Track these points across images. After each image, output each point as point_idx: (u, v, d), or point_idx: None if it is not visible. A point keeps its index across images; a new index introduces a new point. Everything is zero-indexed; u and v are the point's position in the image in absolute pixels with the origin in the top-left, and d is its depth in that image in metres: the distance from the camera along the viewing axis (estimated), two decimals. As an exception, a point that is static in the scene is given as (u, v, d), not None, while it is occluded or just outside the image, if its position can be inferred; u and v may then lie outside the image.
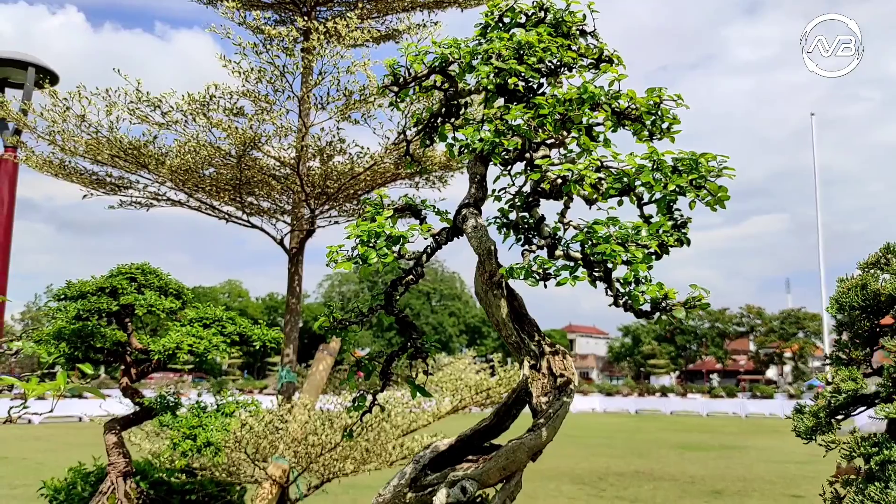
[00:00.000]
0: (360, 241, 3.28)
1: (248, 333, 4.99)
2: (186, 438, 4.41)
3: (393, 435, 9.08)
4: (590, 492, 14.26)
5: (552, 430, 3.23)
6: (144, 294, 4.76)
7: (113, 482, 4.87)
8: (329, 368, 9.47)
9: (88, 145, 8.63)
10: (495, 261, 3.41)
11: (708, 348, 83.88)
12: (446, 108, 3.67)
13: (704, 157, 3.08)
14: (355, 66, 8.38)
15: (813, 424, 2.39)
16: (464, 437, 3.54)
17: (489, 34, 3.47)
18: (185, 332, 4.61)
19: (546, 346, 3.47)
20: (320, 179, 9.32)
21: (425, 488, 3.45)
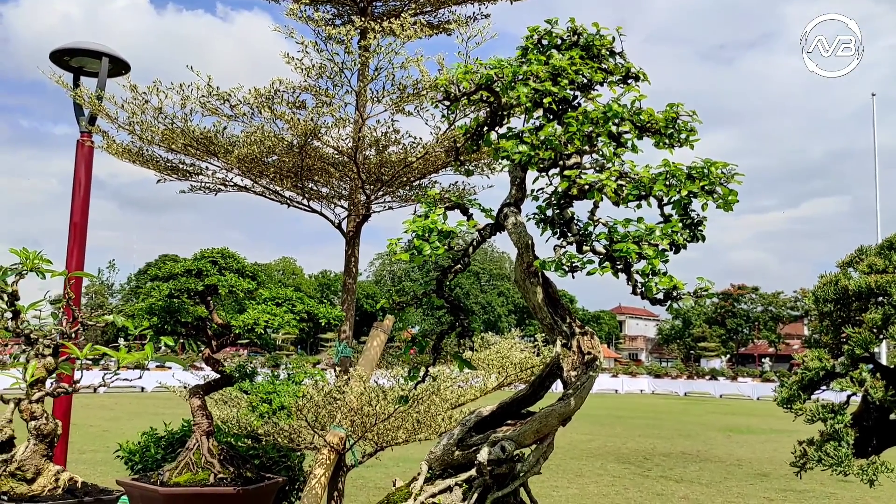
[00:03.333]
0: (416, 235, 3.83)
1: (315, 312, 5.61)
2: (263, 402, 5.04)
3: (442, 408, 9.67)
4: (635, 471, 14.55)
5: (580, 400, 3.76)
6: (226, 276, 5.41)
7: (198, 440, 5.55)
8: (383, 344, 10.12)
9: (164, 135, 9.33)
10: (532, 253, 3.94)
11: (760, 332, 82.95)
12: (491, 118, 4.20)
13: (715, 165, 3.56)
14: (409, 62, 8.91)
15: (789, 395, 2.86)
16: (504, 405, 4.10)
17: (528, 56, 3.98)
18: (261, 310, 5.25)
19: (576, 327, 4.00)
20: (375, 168, 9.88)
21: (470, 447, 4.02)
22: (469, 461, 4.00)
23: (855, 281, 2.72)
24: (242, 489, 5.26)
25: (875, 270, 2.71)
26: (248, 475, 5.62)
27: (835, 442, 2.60)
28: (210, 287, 5.37)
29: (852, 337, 2.64)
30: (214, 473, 5.38)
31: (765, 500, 11.90)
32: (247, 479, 5.51)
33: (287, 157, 9.95)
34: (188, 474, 5.35)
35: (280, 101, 9.25)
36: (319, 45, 8.89)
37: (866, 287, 2.65)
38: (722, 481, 13.76)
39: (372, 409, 9.02)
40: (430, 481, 4.08)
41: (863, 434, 2.69)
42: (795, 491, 12.71)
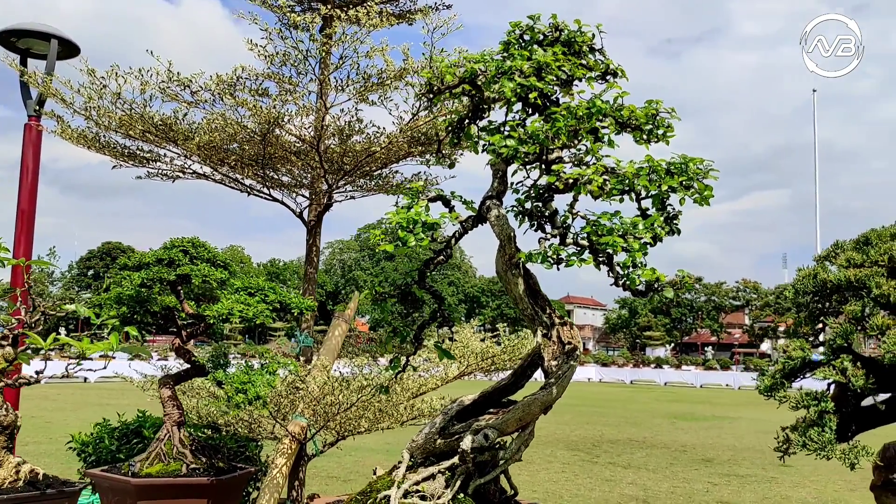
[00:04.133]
0: (401, 226, 3.87)
1: (288, 301, 5.60)
2: (239, 392, 5.03)
3: (403, 397, 9.74)
4: (584, 458, 14.83)
5: (561, 389, 3.86)
6: (198, 265, 5.37)
7: (168, 430, 5.51)
8: (344, 334, 10.13)
9: (122, 121, 9.16)
10: (514, 245, 4.02)
11: (703, 321, 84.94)
12: (473, 112, 4.26)
13: (693, 161, 3.68)
14: (374, 52, 8.90)
15: (771, 384, 2.99)
16: (485, 394, 4.18)
17: (511, 51, 4.04)
18: (235, 300, 5.22)
19: (556, 318, 4.10)
20: (338, 157, 9.86)
21: (452, 436, 4.09)
22: (451, 449, 4.07)
23: (834, 274, 2.86)
24: (216, 479, 5.25)
25: (853, 265, 2.85)
26: (221, 465, 5.60)
27: (818, 428, 2.74)
28: (182, 277, 5.33)
29: (833, 328, 2.78)
30: (187, 464, 5.36)
31: (709, 484, 12.27)
32: (219, 470, 5.49)
33: (248, 145, 9.86)
34: (160, 465, 5.31)
35: (242, 89, 9.16)
36: (284, 32, 8.83)
37: (846, 280, 2.80)
38: (668, 467, 14.13)
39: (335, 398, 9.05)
40: (412, 469, 4.14)
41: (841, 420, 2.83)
42: (738, 476, 13.12)
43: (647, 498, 11.06)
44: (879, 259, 2.78)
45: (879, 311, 2.67)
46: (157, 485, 5.10)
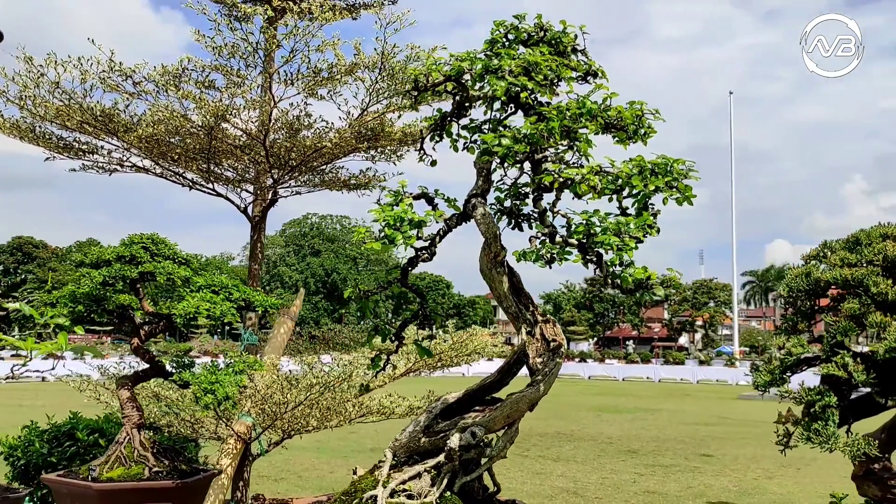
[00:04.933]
0: (388, 224, 3.84)
1: (252, 299, 5.48)
2: (207, 393, 4.89)
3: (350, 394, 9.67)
4: (514, 451, 14.94)
5: (548, 385, 3.91)
6: (161, 263, 5.20)
7: (128, 433, 5.33)
8: (290, 332, 9.99)
9: (59, 111, 8.80)
10: (499, 243, 4.04)
11: (625, 316, 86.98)
12: (457, 110, 4.26)
13: (677, 161, 3.77)
14: (325, 45, 8.79)
15: (770, 379, 3.10)
16: (470, 392, 4.19)
17: (498, 49, 4.05)
18: (200, 298, 5.08)
19: (538, 315, 4.14)
20: (285, 151, 9.71)
21: (437, 434, 4.09)
22: (436, 447, 4.07)
23: (831, 273, 2.98)
24: (181, 482, 5.10)
25: (848, 264, 2.98)
26: (184, 468, 5.45)
27: (822, 422, 2.85)
28: (144, 274, 5.15)
29: (832, 325, 2.90)
30: (149, 467, 5.19)
31: (636, 475, 12.59)
32: (183, 472, 5.34)
33: (190, 138, 9.61)
34: (121, 469, 5.12)
35: (188, 80, 8.92)
36: (234, 23, 8.63)
37: (842, 279, 2.92)
38: (596, 459, 14.43)
39: (283, 397, 8.91)
40: (395, 468, 4.12)
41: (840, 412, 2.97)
42: (662, 466, 13.50)
43: (578, 490, 11.27)
44: (874, 258, 2.92)
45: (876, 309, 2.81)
46: (119, 489, 4.93)
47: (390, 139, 10.47)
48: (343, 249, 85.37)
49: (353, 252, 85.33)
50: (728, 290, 73.78)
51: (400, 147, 11.06)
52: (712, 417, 24.03)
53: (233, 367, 5.17)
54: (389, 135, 10.40)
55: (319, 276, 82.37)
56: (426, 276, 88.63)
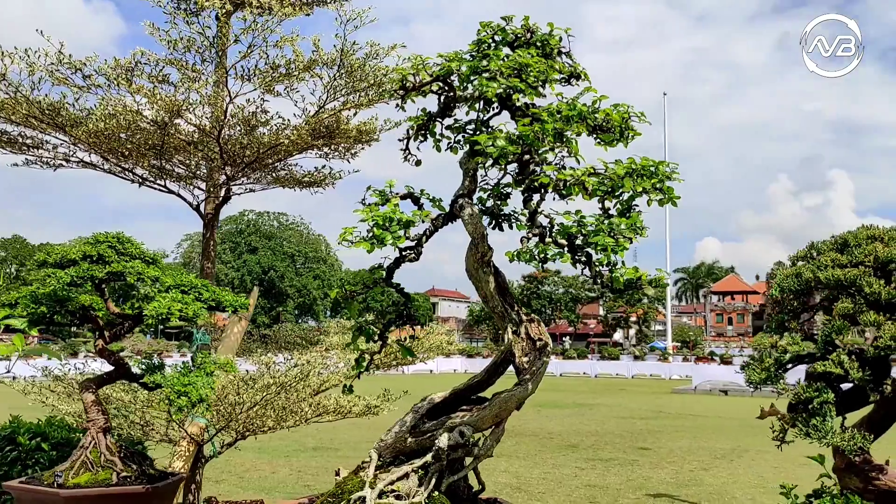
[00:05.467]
0: (376, 224, 3.82)
1: (222, 299, 5.38)
2: (181, 395, 4.78)
3: (306, 394, 9.58)
4: None
5: (535, 384, 3.95)
6: (129, 262, 5.06)
7: (94, 437, 5.17)
8: (243, 331, 9.84)
9: (4, 104, 8.48)
10: (487, 243, 4.06)
11: (561, 312, 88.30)
12: (442, 110, 4.26)
13: (661, 164, 3.85)
14: (284, 41, 8.68)
15: (766, 376, 3.20)
16: (457, 391, 4.20)
17: (487, 51, 4.07)
18: (171, 298, 4.96)
19: (523, 315, 4.17)
20: (240, 148, 9.55)
21: (424, 434, 4.09)
22: (422, 447, 4.07)
23: (824, 273, 3.10)
24: (151, 487, 4.97)
25: (839, 265, 3.10)
26: (152, 472, 5.31)
27: (820, 417, 2.96)
28: (112, 274, 5.00)
29: (826, 324, 3.02)
30: (117, 472, 5.04)
31: (577, 469, 12.82)
32: (151, 476, 5.21)
33: (140, 133, 9.37)
34: (88, 474, 4.97)
35: (140, 74, 8.69)
36: (190, 16, 8.45)
37: (834, 279, 3.03)
38: (537, 454, 14.63)
39: (238, 397, 8.78)
40: (381, 469, 4.10)
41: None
42: (602, 460, 13.77)
43: (521, 485, 11.41)
44: (865, 260, 3.04)
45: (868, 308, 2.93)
46: (88, 495, 4.78)
47: (346, 137, 10.40)
48: (280, 247, 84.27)
49: (290, 249, 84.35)
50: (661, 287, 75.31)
51: (354, 145, 11.00)
52: (648, 411, 24.62)
53: (204, 368, 5.07)
54: (345, 132, 10.33)
55: (256, 274, 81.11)
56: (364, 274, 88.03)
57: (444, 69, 4.04)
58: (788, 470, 12.67)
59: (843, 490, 3.34)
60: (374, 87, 9.61)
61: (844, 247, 3.27)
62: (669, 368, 51.74)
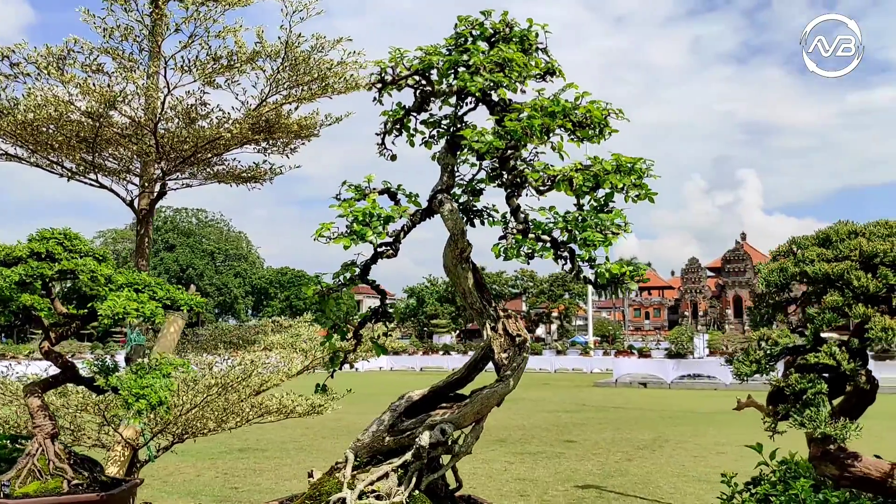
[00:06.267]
0: (356, 220, 3.73)
1: (177, 298, 5.18)
2: (139, 399, 4.57)
3: (245, 394, 9.37)
4: None
5: (516, 380, 3.93)
6: (83, 260, 4.81)
7: (41, 444, 4.90)
8: (180, 330, 9.54)
9: (-79, 93, 8.00)
10: (466, 239, 4.02)
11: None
12: (419, 105, 4.19)
13: (639, 160, 3.88)
14: (227, 32, 8.44)
15: (756, 368, 3.27)
16: (435, 389, 4.15)
17: (467, 46, 4.02)
18: (126, 297, 4.74)
19: (500, 311, 4.16)
20: (178, 142, 9.25)
21: (403, 432, 4.02)
22: (401, 446, 4.00)
23: (811, 268, 3.18)
24: (106, 494, 4.75)
25: (825, 259, 3.19)
26: (104, 479, 5.08)
27: (814, 408, 3.04)
28: (62, 272, 4.75)
29: (816, 317, 3.09)
30: (68, 480, 4.79)
31: (506, 463, 12.94)
32: (104, 484, 4.97)
33: (71, 125, 8.96)
34: (36, 483, 4.70)
35: (73, 63, 8.31)
36: (129, 3, 8.11)
37: (822, 274, 3.12)
38: (466, 448, 14.76)
39: (178, 399, 8.50)
40: (359, 469, 4.02)
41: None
42: (530, 453, 13.95)
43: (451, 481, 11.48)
44: (851, 254, 3.14)
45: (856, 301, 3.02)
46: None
47: (287, 131, 10.20)
48: (199, 244, 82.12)
49: (210, 247, 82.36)
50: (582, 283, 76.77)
51: (294, 140, 10.80)
52: (572, 405, 25.08)
53: (160, 369, 4.87)
54: (286, 127, 10.13)
55: (174, 272, 78.85)
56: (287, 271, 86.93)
57: (424, 63, 3.98)
58: (708, 459, 13.12)
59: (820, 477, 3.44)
60: (317, 80, 9.46)
61: (826, 242, 3.37)
62: (591, 362, 52.78)
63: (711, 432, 17.26)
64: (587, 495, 10.19)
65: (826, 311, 3.03)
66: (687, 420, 20.29)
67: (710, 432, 17.30)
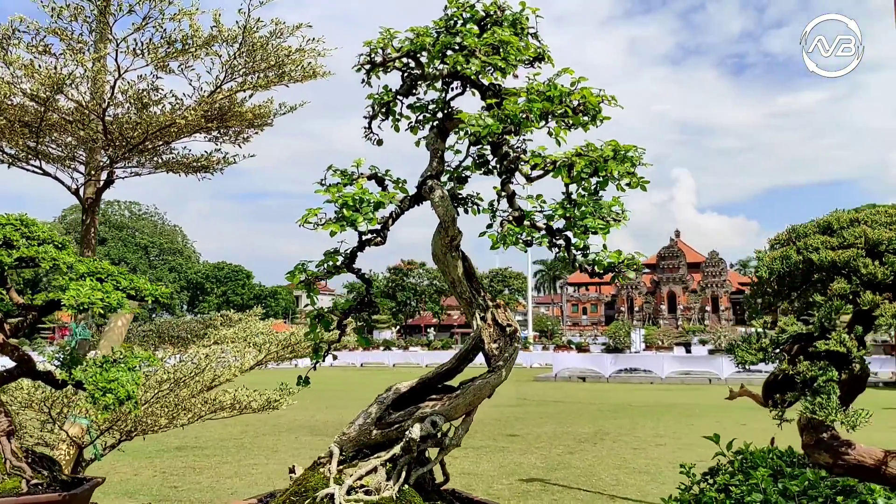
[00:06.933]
0: (346, 205, 3.60)
1: (141, 288, 4.94)
2: (106, 393, 4.34)
3: (196, 389, 9.12)
4: (329, 441, 14.81)
5: (508, 371, 3.86)
6: (44, 247, 4.54)
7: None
8: (128, 324, 9.20)
9: None
10: (457, 227, 3.92)
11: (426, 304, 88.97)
12: (408, 88, 4.07)
13: (633, 148, 3.84)
14: (182, 14, 8.14)
15: (763, 356, 3.26)
16: (424, 380, 4.04)
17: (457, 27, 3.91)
18: (90, 287, 4.50)
19: (489, 301, 4.07)
20: (129, 128, 8.90)
21: (391, 425, 3.90)
22: (388, 440, 3.89)
23: (817, 255, 3.19)
24: (68, 494, 4.50)
25: (830, 247, 3.20)
26: (64, 478, 4.82)
27: (825, 395, 3.04)
28: (21, 260, 4.47)
29: (823, 305, 3.09)
30: (26, 479, 4.52)
31: (450, 457, 12.92)
32: (65, 483, 4.72)
33: (13, 109, 8.54)
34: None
35: (18, 44, 7.91)
36: (78, -18, 7.74)
37: (829, 261, 3.13)
38: (406, 444, 14.76)
39: (127, 395, 8.20)
40: (344, 463, 3.88)
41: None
42: (474, 448, 14.03)
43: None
44: (856, 242, 3.16)
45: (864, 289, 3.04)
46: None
47: (241, 119, 9.93)
48: (132, 238, 79.85)
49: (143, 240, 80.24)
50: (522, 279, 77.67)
51: (247, 129, 10.53)
52: (513, 399, 25.30)
53: (125, 362, 4.64)
54: (240, 115, 9.86)
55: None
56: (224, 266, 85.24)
57: (416, 44, 3.86)
58: (647, 451, 13.38)
59: (813, 465, 3.47)
60: (274, 68, 9.22)
61: (828, 230, 3.39)
62: (531, 357, 53.29)
63: (650, 425, 17.57)
64: (532, 488, 10.24)
65: (834, 298, 3.03)
66: (625, 413, 20.62)
67: (648, 425, 17.60)
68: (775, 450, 4.79)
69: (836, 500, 3.97)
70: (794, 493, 3.99)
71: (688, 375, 36.35)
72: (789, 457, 4.69)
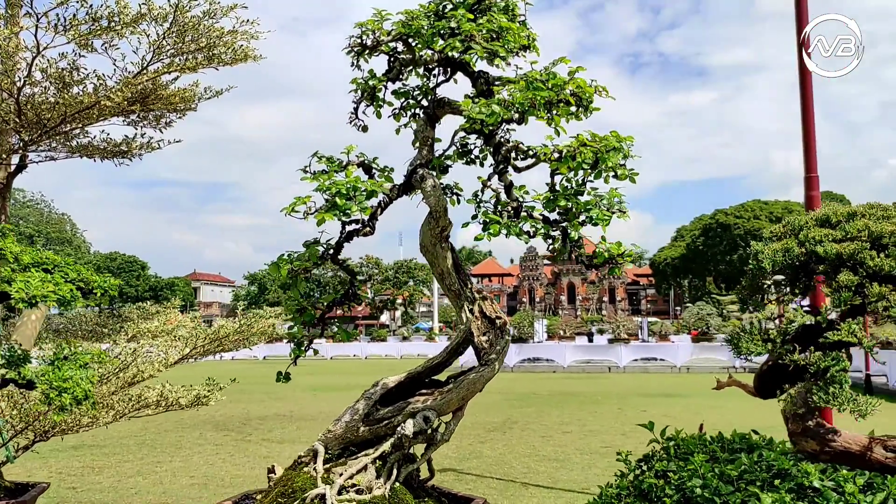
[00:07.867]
0: (339, 193, 3.44)
1: (90, 280, 4.62)
2: (61, 393, 4.01)
3: (116, 385, 8.72)
4: (236, 437, 14.38)
5: (500, 364, 3.79)
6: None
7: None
8: (41, 319, 8.69)
9: None
10: (448, 217, 3.82)
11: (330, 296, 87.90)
12: (396, 73, 3.93)
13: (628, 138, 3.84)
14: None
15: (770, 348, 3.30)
16: (413, 375, 3.91)
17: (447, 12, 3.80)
18: (40, 279, 4.15)
19: (476, 293, 3.99)
20: (45, 109, 8.34)
21: (379, 421, 3.77)
22: (376, 436, 3.75)
23: (822, 248, 3.24)
24: (13, 501, 4.16)
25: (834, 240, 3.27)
26: (7, 484, 4.46)
27: (838, 385, 3.09)
28: (-37, 250, 4.09)
29: (832, 296, 3.15)
30: (-32, 489, 4.16)
31: None
32: (10, 490, 4.36)
33: (-86, 85, 7.86)
34: (-70, 494, 4.04)
35: (-76, 14, 7.27)
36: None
37: (834, 254, 3.19)
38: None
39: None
40: (330, 462, 3.72)
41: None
42: None
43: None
44: (860, 234, 3.24)
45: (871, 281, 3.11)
46: (-61, 520, 3.88)
47: (165, 103, 9.48)
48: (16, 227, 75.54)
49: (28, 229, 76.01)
50: (426, 270, 77.76)
51: (169, 113, 10.07)
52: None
53: (76, 360, 4.32)
54: (165, 98, 9.41)
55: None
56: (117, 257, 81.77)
57: (409, 28, 3.72)
58: (555, 438, 13.63)
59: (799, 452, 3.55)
60: (204, 49, 8.82)
61: (826, 223, 3.47)
62: (437, 348, 53.37)
63: (555, 413, 17.87)
64: (445, 478, 10.22)
65: (842, 290, 3.11)
66: (531, 402, 20.93)
67: (553, 413, 17.90)
68: (704, 436, 4.93)
69: (774, 482, 4.11)
70: (732, 476, 4.11)
71: (589, 364, 37.27)
72: (720, 442, 4.84)
